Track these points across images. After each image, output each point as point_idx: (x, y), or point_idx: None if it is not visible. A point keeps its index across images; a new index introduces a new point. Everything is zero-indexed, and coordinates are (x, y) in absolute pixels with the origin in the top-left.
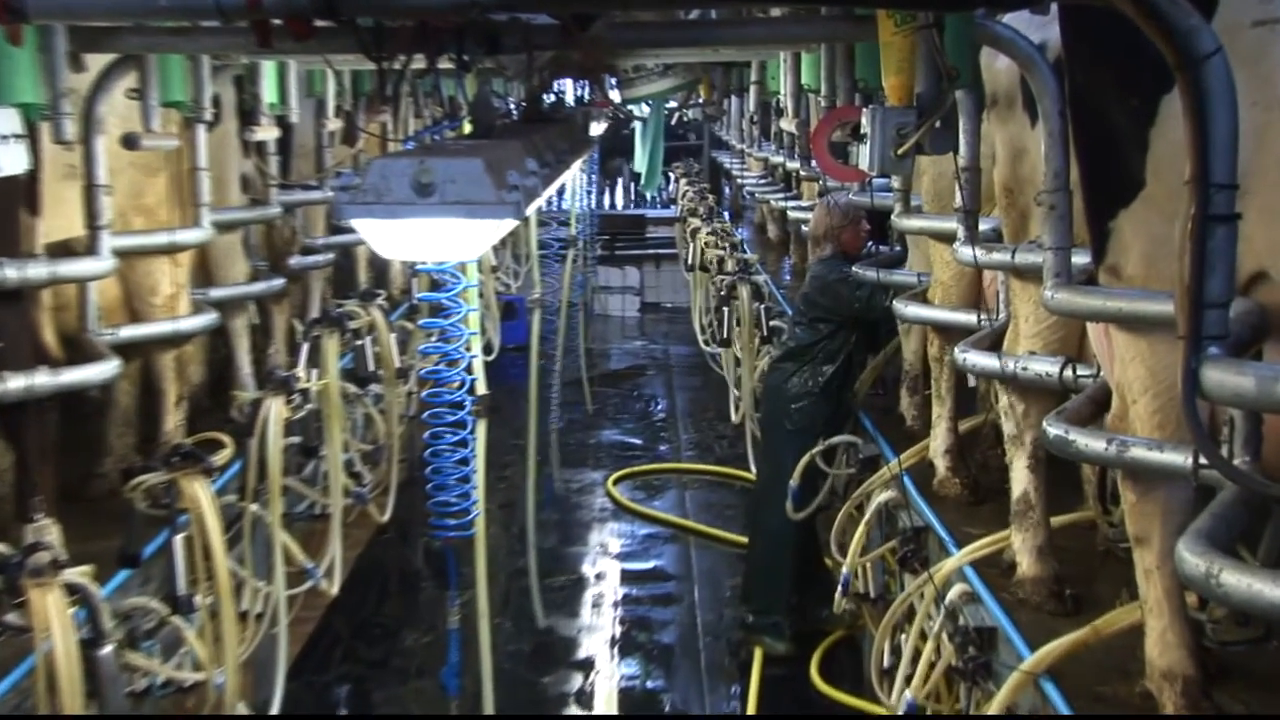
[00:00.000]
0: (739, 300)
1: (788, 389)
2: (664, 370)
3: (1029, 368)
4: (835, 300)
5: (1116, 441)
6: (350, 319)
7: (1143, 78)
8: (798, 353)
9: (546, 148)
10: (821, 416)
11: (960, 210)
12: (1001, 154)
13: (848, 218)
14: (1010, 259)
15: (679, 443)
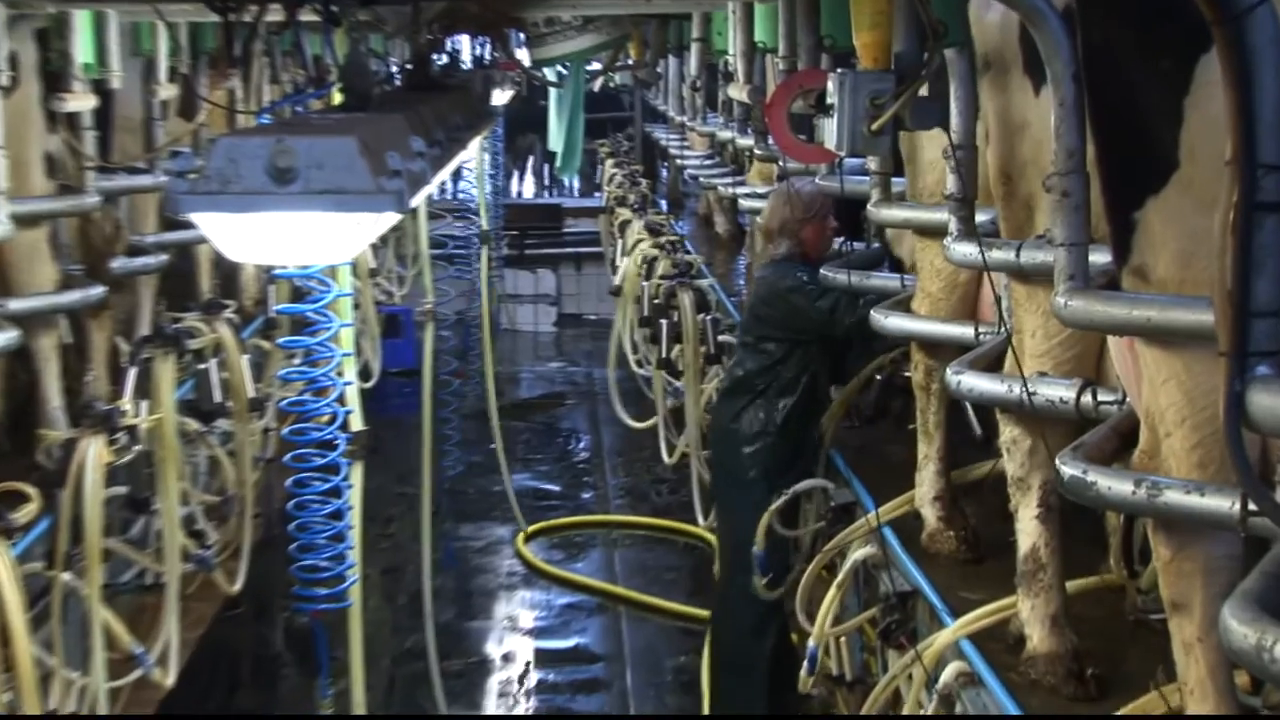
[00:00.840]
0: (680, 310)
1: (738, 430)
2: (587, 398)
3: (1037, 392)
4: (790, 313)
5: (1146, 483)
6: (190, 337)
7: (1174, 34)
8: (745, 384)
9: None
10: (783, 460)
11: (951, 199)
12: (996, 130)
13: (811, 210)
14: (1014, 258)
15: (606, 489)
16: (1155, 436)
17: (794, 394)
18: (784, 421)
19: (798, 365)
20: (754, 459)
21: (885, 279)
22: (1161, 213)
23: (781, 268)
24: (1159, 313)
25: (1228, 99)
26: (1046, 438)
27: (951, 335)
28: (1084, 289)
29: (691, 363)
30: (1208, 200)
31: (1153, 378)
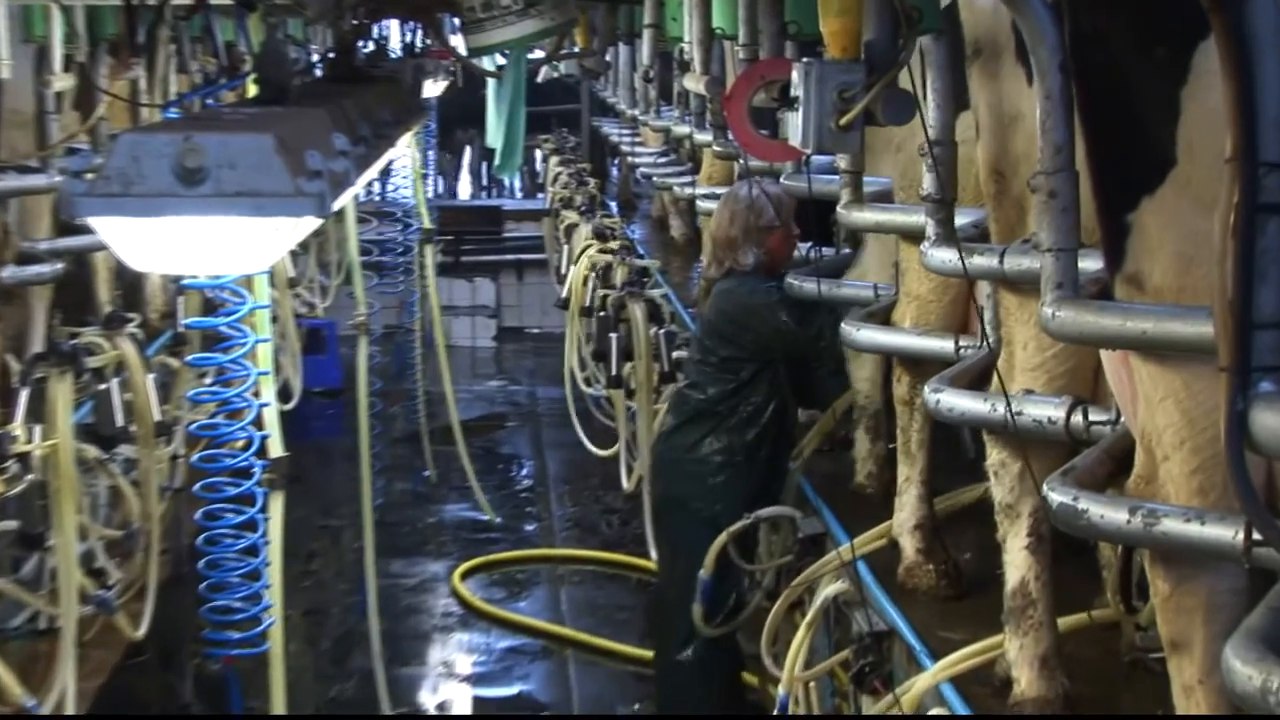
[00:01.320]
0: (631, 323)
1: (699, 461)
2: (530, 420)
3: (1025, 412)
4: (761, 330)
5: (1143, 511)
6: (89, 354)
7: (1170, 19)
8: (706, 410)
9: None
10: (752, 493)
11: (929, 199)
12: (987, 122)
13: (778, 216)
14: (998, 264)
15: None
16: (1152, 460)
17: (761, 421)
18: (751, 451)
19: (767, 389)
20: (719, 493)
21: (857, 288)
22: (1158, 214)
23: (749, 281)
24: (1155, 324)
25: (1226, 91)
26: (1036, 461)
27: (928, 350)
28: (1073, 298)
29: (644, 382)
30: (1208, 200)
31: (1149, 396)
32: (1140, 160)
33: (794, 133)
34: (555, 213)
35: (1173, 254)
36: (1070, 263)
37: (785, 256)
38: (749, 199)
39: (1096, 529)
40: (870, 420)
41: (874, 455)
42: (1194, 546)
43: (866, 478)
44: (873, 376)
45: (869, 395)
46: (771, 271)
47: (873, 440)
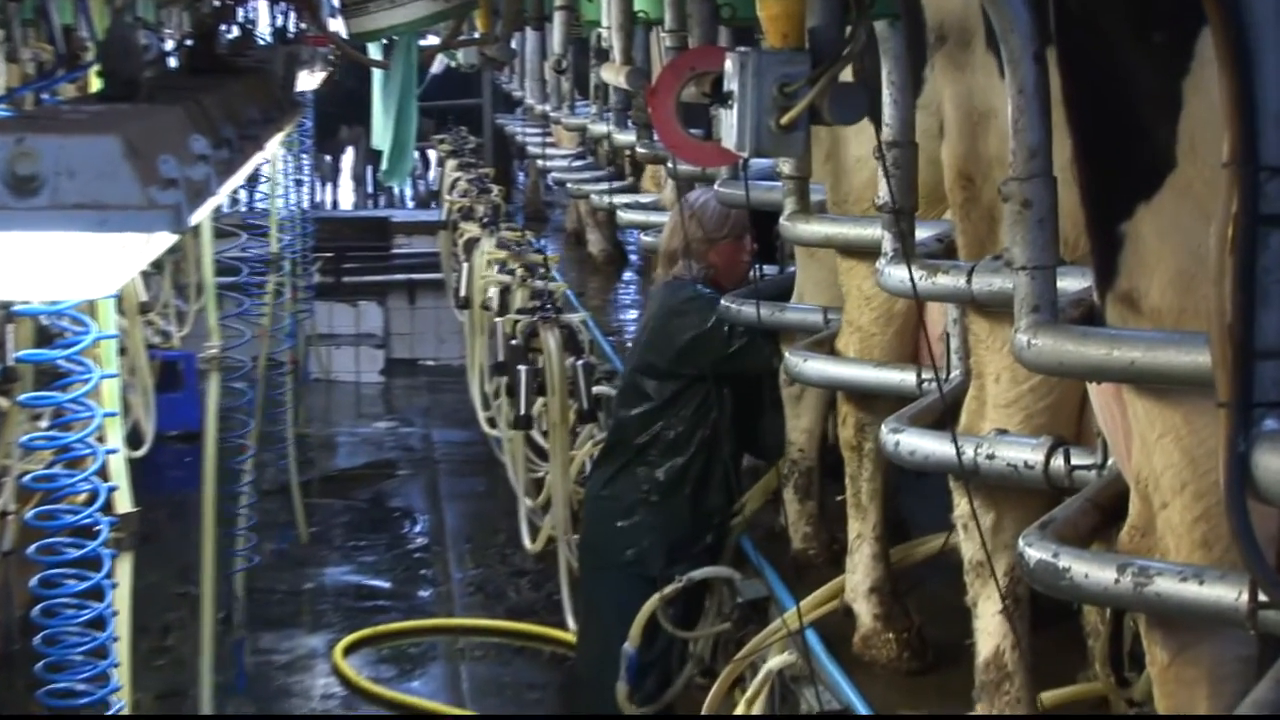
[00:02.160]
0: (543, 354)
1: (611, 499)
2: (425, 468)
3: (998, 455)
4: (681, 336)
5: (1133, 569)
6: None
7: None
8: (620, 441)
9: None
10: (670, 538)
11: (884, 210)
12: (953, 121)
13: (722, 227)
14: (965, 284)
15: (450, 585)
16: (1148, 508)
17: (685, 452)
18: (670, 488)
19: (693, 414)
20: (630, 536)
21: (803, 312)
22: (1155, 223)
23: (675, 284)
24: (1145, 353)
25: (1223, 87)
26: (1011, 512)
27: (886, 383)
28: (1052, 323)
29: (558, 421)
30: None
31: (1144, 434)
32: (1136, 162)
33: (728, 133)
34: (453, 225)
35: (1173, 270)
36: (1048, 282)
37: (736, 272)
38: (694, 207)
39: (1080, 590)
40: (801, 478)
41: (805, 515)
42: (1192, 610)
43: (804, 541)
44: (811, 428)
45: (804, 450)
46: (718, 287)
47: (802, 499)
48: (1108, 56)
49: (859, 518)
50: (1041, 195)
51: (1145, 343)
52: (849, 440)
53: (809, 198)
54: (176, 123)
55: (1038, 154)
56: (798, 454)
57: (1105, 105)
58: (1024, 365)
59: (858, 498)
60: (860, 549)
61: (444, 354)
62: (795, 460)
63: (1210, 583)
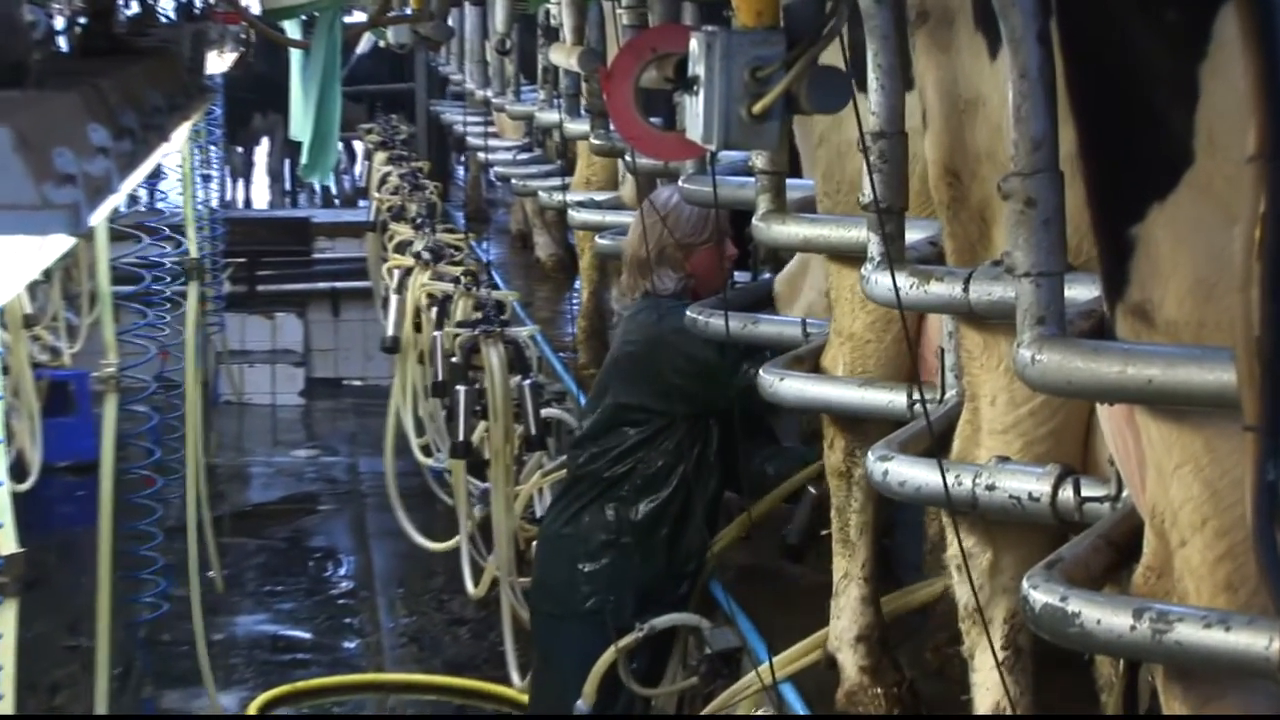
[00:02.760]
0: (487, 372)
1: (574, 538)
2: (351, 502)
3: (998, 485)
4: (669, 367)
5: (1151, 614)
6: None
7: None
8: (588, 474)
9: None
10: (641, 584)
11: (870, 209)
12: (937, 107)
13: (704, 230)
14: (961, 293)
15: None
16: (1165, 546)
17: (663, 491)
18: (646, 530)
19: (674, 451)
20: (594, 581)
21: (781, 324)
22: (1171, 226)
23: (663, 305)
24: (1164, 370)
25: (1247, 71)
26: (1013, 551)
27: (873, 404)
28: (1058, 337)
29: (501, 449)
30: (1236, 208)
31: (1161, 463)
32: (1148, 156)
33: (694, 123)
34: (382, 227)
35: (1190, 278)
36: (1054, 291)
37: (717, 282)
38: (665, 207)
39: (1092, 638)
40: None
41: None
42: (1216, 660)
43: None
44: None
45: None
46: (698, 298)
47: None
48: (1115, 37)
49: (846, 555)
50: (1047, 193)
51: (1164, 359)
52: (836, 467)
53: (785, 195)
54: (72, 111)
55: (1042, 146)
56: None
57: (1113, 92)
58: (1027, 384)
59: (845, 532)
60: (847, 591)
61: (372, 372)
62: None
63: (1237, 629)
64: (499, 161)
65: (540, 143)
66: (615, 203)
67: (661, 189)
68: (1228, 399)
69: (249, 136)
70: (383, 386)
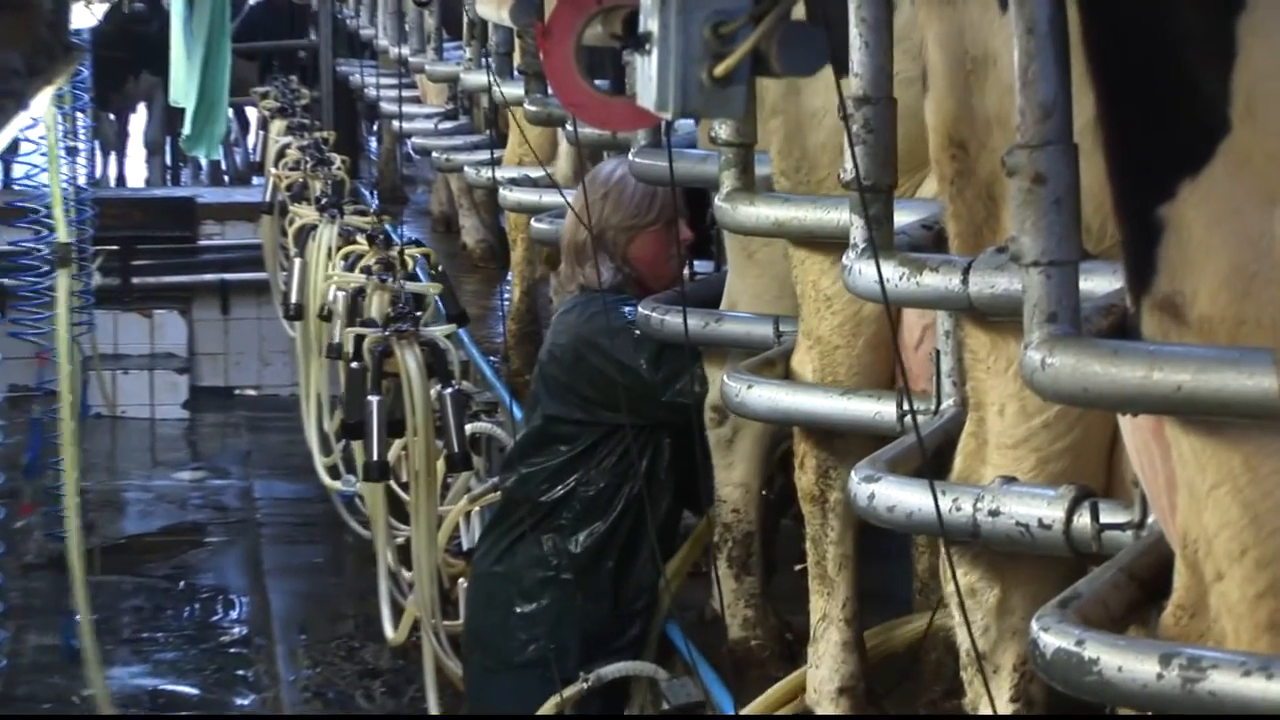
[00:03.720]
0: (403, 380)
1: (507, 577)
2: (243, 533)
3: (1005, 511)
4: (600, 373)
5: (1183, 660)
6: None
7: None
8: (520, 499)
9: None
10: (586, 628)
11: (853, 188)
12: (940, 67)
13: (645, 209)
14: (960, 285)
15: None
16: (1198, 580)
17: (607, 517)
18: (588, 563)
19: (615, 469)
20: (532, 626)
21: (748, 323)
22: (1204, 205)
23: (596, 302)
24: (1196, 375)
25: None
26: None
27: (857, 416)
28: (1073, 336)
29: (421, 470)
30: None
31: (1193, 483)
32: (1178, 125)
33: (646, 87)
34: (280, 208)
35: (1227, 267)
36: (1068, 282)
37: (665, 272)
38: (607, 183)
39: (1112, 689)
40: (738, 547)
41: (744, 595)
42: (1257, 712)
43: (744, 628)
44: (747, 481)
45: (739, 510)
46: (645, 290)
47: (739, 575)
48: None
49: (824, 594)
50: (1058, 168)
51: (1196, 362)
52: (809, 490)
53: (753, 171)
54: None
55: (1053, 113)
56: (731, 516)
57: (1138, 51)
58: (1037, 391)
59: (822, 567)
60: (826, 635)
61: (269, 380)
62: (729, 524)
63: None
64: (417, 131)
65: (466, 109)
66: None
67: (605, 162)
68: (1270, 408)
69: (123, 102)
70: (281, 397)
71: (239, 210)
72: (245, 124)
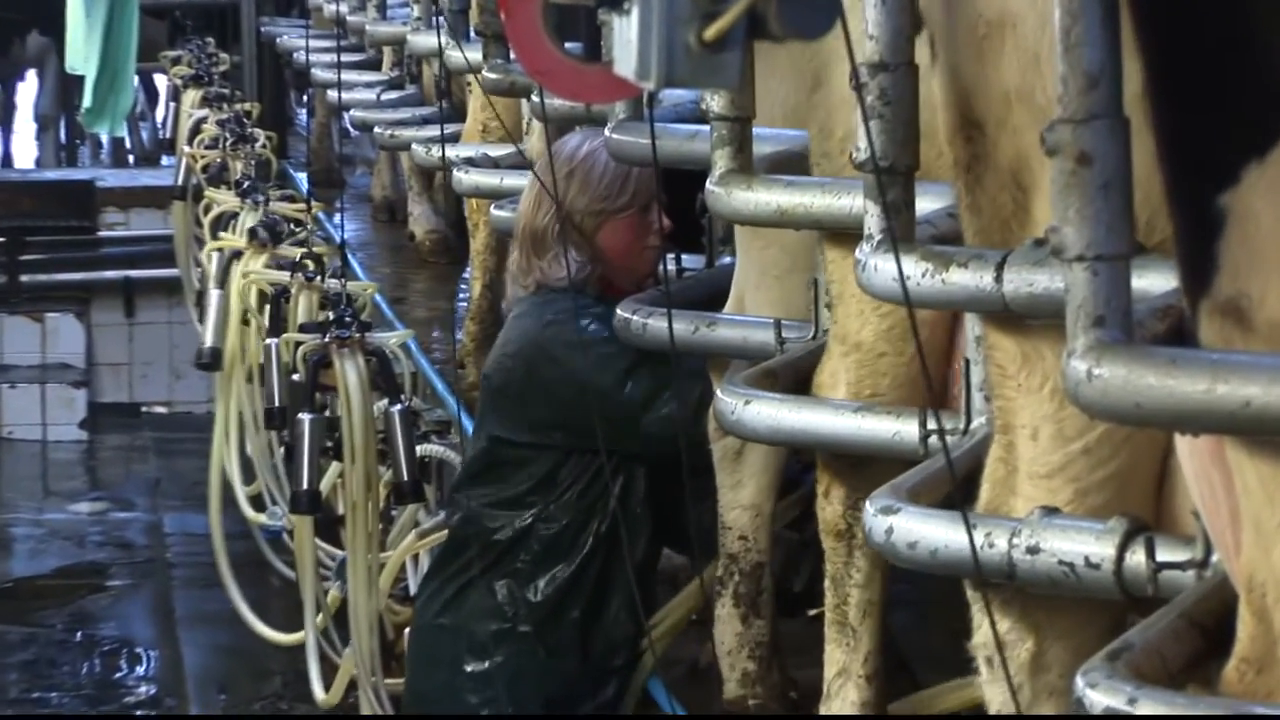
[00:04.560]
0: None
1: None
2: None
3: (1046, 548)
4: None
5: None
6: None
7: None
8: (468, 536)
9: None
10: (549, 688)
11: (868, 169)
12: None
13: (625, 192)
14: (993, 283)
15: None
16: (1267, 629)
17: (573, 556)
18: (552, 612)
19: (580, 496)
20: (485, 686)
21: (745, 327)
22: (1273, 193)
23: (550, 305)
24: (1267, 389)
25: None
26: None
27: (871, 436)
28: (1123, 344)
29: (360, 502)
30: None
31: (1260, 517)
32: (1243, 99)
33: (625, 51)
34: (194, 193)
35: None
36: (1117, 280)
37: (638, 266)
38: (573, 159)
39: None
40: (745, 582)
41: (748, 643)
42: None
43: (744, 684)
44: (759, 503)
45: (747, 537)
46: (606, 292)
47: (745, 617)
48: None
49: (843, 644)
50: (1107, 146)
51: (1266, 374)
52: (834, 524)
53: (750, 150)
54: None
55: (1100, 83)
56: (738, 544)
57: (1194, 11)
58: (1082, 408)
59: (843, 613)
60: (842, 694)
61: (181, 395)
62: (735, 554)
63: None
64: (357, 103)
65: (415, 78)
66: (517, 160)
67: (571, 135)
68: None
69: (9, 69)
70: (196, 415)
71: (146, 196)
72: (154, 95)
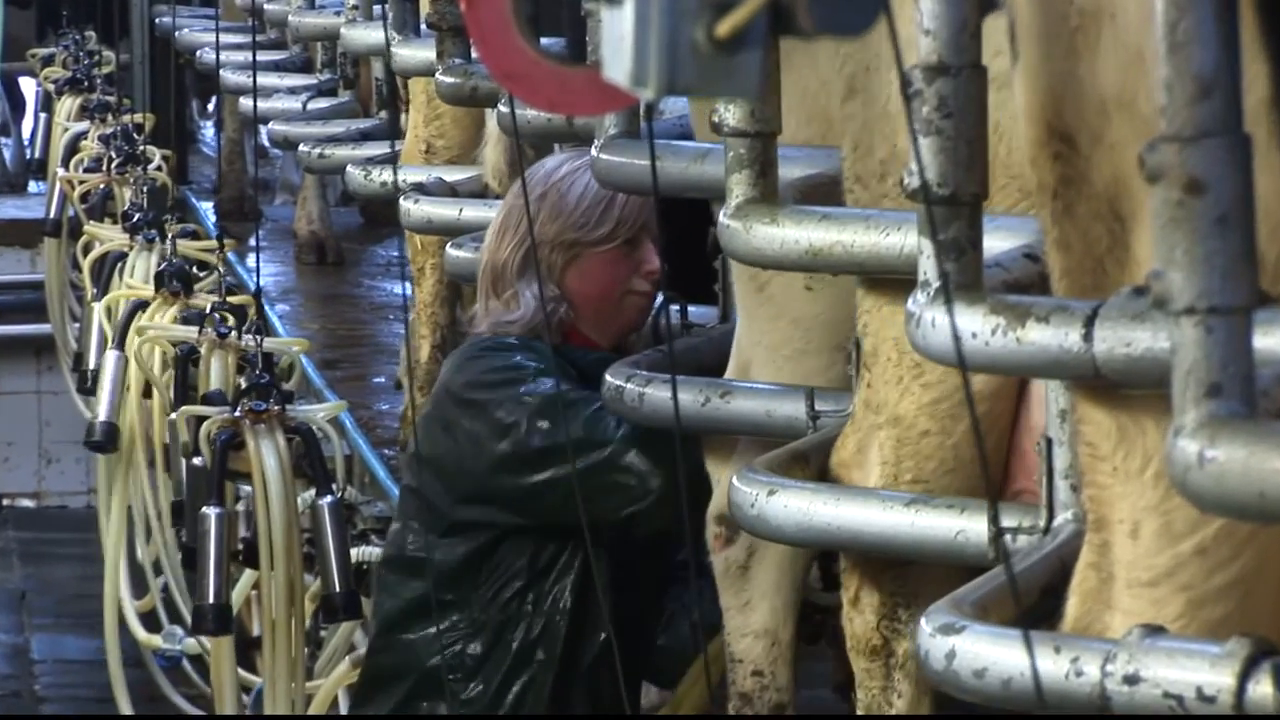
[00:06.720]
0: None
1: None
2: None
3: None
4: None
5: None
6: None
7: None
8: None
9: None
10: None
11: (920, 199)
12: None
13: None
14: (1081, 341)
15: None
16: None
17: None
18: None
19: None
20: None
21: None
22: None
23: (477, 344)
24: None
25: None
26: None
27: (933, 537)
28: (1244, 419)
29: (281, 620)
30: None
31: None
32: None
33: (617, 50)
34: (71, 228)
35: None
36: (1236, 338)
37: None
38: (547, 180)
39: None
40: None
41: None
42: None
43: None
44: (775, 628)
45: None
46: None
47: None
48: None
49: None
50: (1223, 170)
51: None
52: (864, 639)
53: (775, 174)
54: None
55: (1214, 91)
56: (751, 681)
57: None
58: (1191, 500)
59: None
60: None
61: (56, 485)
62: (748, 694)
63: None
64: (278, 114)
65: (350, 81)
66: (477, 185)
67: (552, 156)
68: None
69: None
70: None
71: (10, 231)
72: (18, 103)
